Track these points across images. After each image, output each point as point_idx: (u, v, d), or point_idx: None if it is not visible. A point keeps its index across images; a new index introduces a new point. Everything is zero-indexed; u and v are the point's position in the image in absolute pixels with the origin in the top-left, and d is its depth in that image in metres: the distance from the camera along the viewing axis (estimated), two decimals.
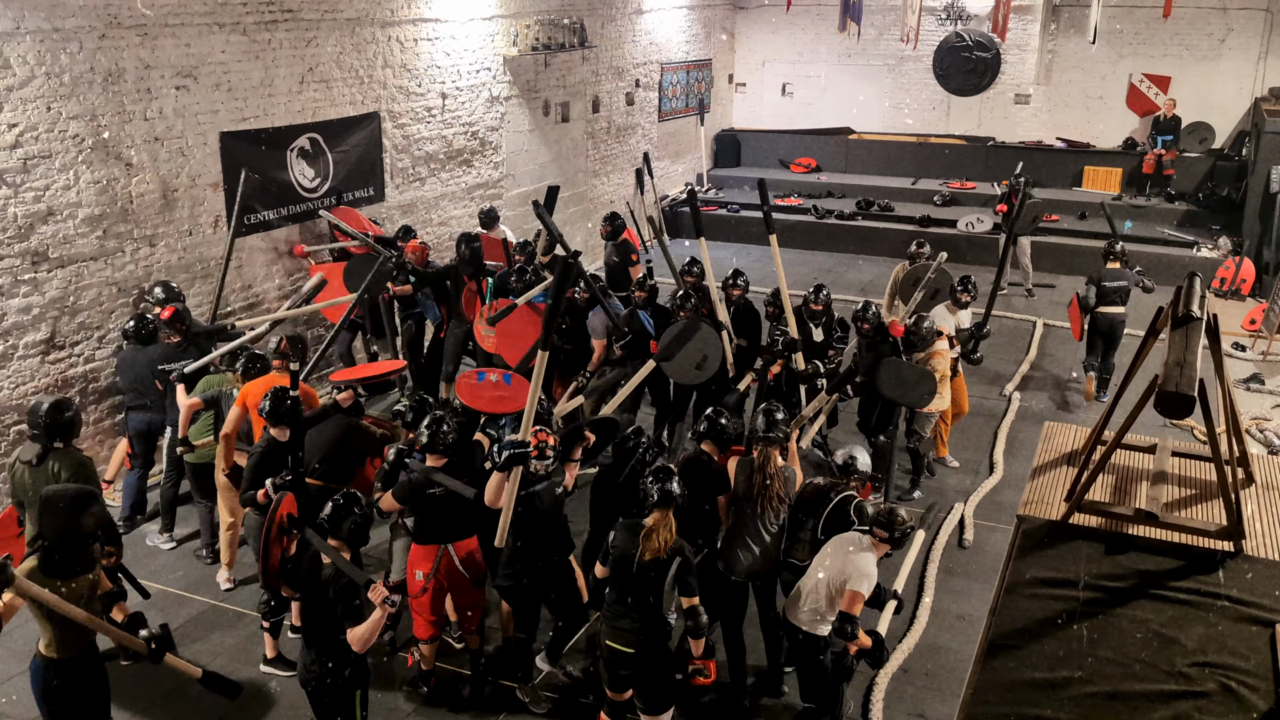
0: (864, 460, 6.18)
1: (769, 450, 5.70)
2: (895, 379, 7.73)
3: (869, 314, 8.18)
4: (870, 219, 16.69)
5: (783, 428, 5.76)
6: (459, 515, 5.80)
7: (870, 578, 5.11)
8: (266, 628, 6.31)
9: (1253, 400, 10.45)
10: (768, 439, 5.71)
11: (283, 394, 6.02)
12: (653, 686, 5.21)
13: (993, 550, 7.57)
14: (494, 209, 11.47)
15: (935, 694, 6.16)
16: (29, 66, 7.53)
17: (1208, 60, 16.63)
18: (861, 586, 5.08)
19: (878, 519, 5.28)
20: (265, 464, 5.98)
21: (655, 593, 5.09)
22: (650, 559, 5.00)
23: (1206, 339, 4.47)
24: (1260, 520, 4.63)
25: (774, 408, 5.84)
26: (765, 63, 19.44)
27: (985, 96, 18.11)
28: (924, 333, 8.04)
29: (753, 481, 5.68)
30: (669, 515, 5.07)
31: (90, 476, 5.88)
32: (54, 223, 7.85)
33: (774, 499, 5.65)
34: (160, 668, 4.77)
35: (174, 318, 7.53)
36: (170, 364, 7.43)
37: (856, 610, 5.04)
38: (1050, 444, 5.48)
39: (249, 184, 9.16)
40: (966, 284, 9.10)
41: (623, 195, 16.36)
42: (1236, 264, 13.95)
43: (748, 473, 5.75)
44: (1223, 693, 3.56)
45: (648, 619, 5.12)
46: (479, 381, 6.73)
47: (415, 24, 11.25)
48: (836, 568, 5.22)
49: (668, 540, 5.02)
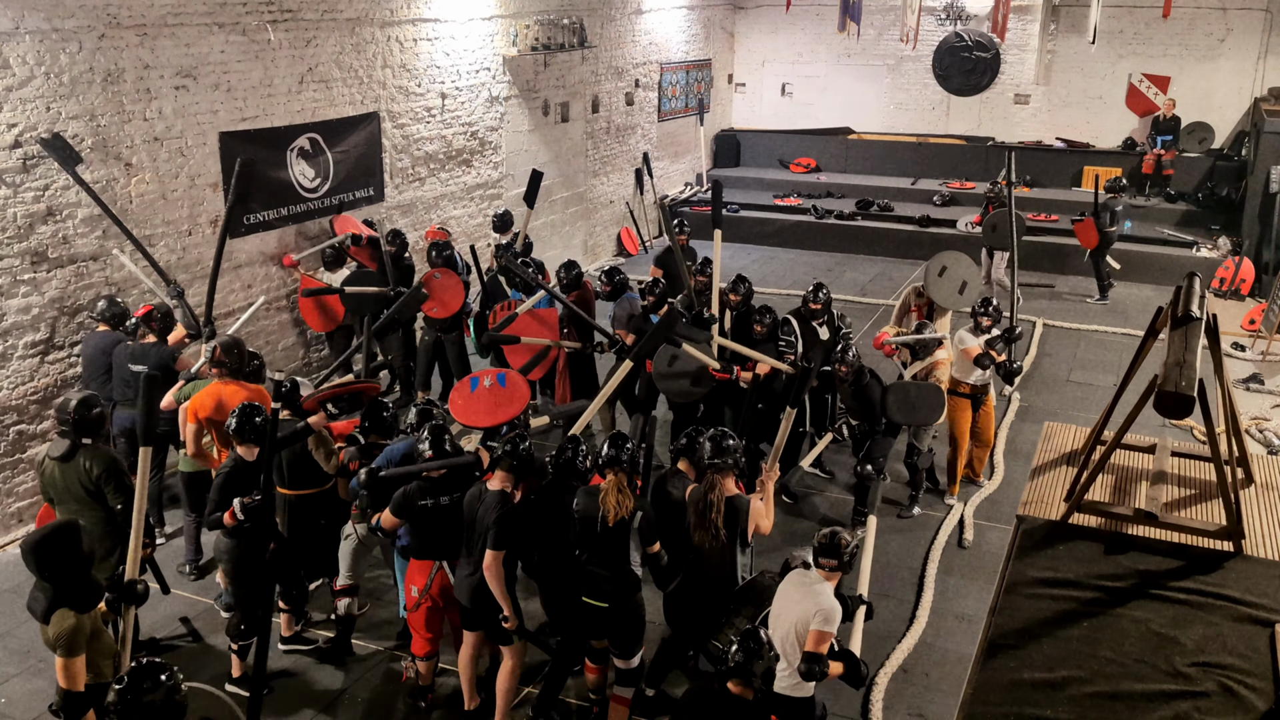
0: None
1: (715, 478, 5.54)
2: (902, 402, 7.60)
3: (848, 357, 7.59)
4: (870, 219, 16.68)
5: (732, 456, 5.55)
6: (456, 531, 5.62)
7: (832, 613, 4.74)
8: (235, 650, 6.10)
9: (1252, 400, 10.45)
10: (715, 465, 5.54)
11: (251, 411, 5.80)
12: (625, 633, 5.58)
13: (992, 550, 7.57)
14: (509, 213, 11.11)
15: (935, 694, 6.16)
16: (29, 66, 7.53)
17: (1207, 60, 16.63)
18: (826, 625, 4.71)
19: (820, 546, 4.91)
20: (232, 484, 5.69)
21: (621, 550, 5.39)
22: (614, 521, 5.30)
23: (1206, 339, 4.47)
24: (1260, 520, 4.63)
25: (723, 434, 5.65)
26: (765, 63, 19.44)
27: (985, 96, 18.11)
28: (926, 342, 7.96)
29: (697, 510, 5.55)
30: (620, 477, 5.35)
31: (121, 472, 5.84)
32: (54, 223, 7.85)
33: (718, 529, 5.47)
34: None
35: (148, 316, 7.44)
36: (139, 365, 7.22)
37: (823, 649, 4.70)
38: (1050, 444, 5.48)
39: (244, 174, 8.91)
40: (987, 307, 8.34)
41: (622, 195, 16.36)
42: (1236, 264, 13.95)
43: (693, 500, 5.60)
44: (1223, 693, 3.56)
45: (617, 574, 5.43)
46: (472, 391, 6.42)
47: (415, 24, 11.25)
48: (793, 618, 4.83)
49: (623, 501, 5.30)
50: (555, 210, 14.64)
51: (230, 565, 5.89)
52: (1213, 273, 14.01)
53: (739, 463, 5.64)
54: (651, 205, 17.06)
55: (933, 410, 7.63)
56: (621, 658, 5.62)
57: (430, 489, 5.63)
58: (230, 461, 5.81)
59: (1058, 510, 4.66)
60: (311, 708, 6.07)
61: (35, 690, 6.13)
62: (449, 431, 5.80)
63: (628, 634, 5.57)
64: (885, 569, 7.46)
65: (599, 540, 5.39)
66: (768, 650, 4.45)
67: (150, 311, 7.48)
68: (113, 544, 5.77)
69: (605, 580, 5.43)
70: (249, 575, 5.85)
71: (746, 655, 4.37)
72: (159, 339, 7.45)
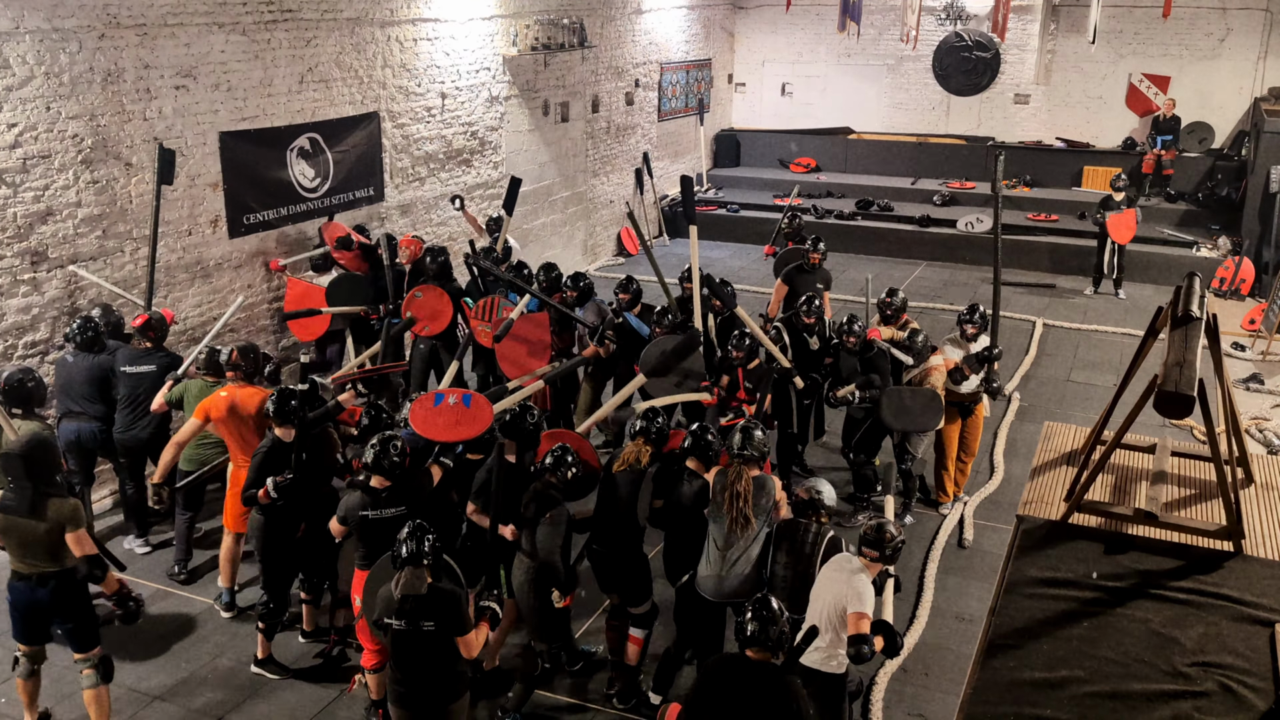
0: (828, 494, 5.77)
1: (743, 468, 5.65)
2: (898, 408, 7.50)
3: (855, 328, 7.79)
4: (870, 219, 16.69)
5: (760, 447, 5.76)
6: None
7: (868, 597, 4.90)
8: (262, 629, 6.28)
9: (1252, 400, 10.45)
10: (743, 456, 5.71)
11: (288, 394, 6.02)
12: (632, 583, 5.93)
13: (992, 550, 7.57)
14: (500, 216, 10.99)
15: (935, 694, 6.16)
16: (28, 66, 7.53)
17: (1207, 60, 16.63)
18: (862, 606, 4.87)
19: (865, 537, 5.11)
20: (269, 463, 5.98)
21: (630, 504, 5.78)
22: (622, 468, 5.81)
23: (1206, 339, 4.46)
24: (1260, 520, 4.62)
25: (753, 425, 5.85)
26: (765, 63, 19.44)
27: (985, 96, 18.11)
28: (918, 345, 7.82)
29: (723, 497, 5.59)
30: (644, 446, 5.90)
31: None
32: (53, 223, 7.85)
33: (745, 514, 5.53)
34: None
35: (145, 325, 7.34)
36: (138, 365, 7.22)
37: (865, 629, 4.82)
38: (1050, 444, 5.47)
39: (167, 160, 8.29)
40: (973, 314, 8.07)
41: (622, 195, 16.36)
42: (1236, 264, 13.96)
43: (719, 487, 5.66)
44: (1223, 692, 3.56)
45: (622, 528, 5.83)
46: (435, 406, 6.34)
47: (415, 24, 11.25)
48: (830, 597, 5.02)
49: (640, 456, 5.85)
50: (555, 210, 14.64)
51: (260, 543, 6.17)
52: (1213, 273, 14.02)
53: (765, 455, 5.88)
54: (652, 205, 17.06)
55: (930, 417, 7.51)
56: (633, 605, 5.95)
57: (374, 501, 5.56)
58: (268, 442, 6.05)
59: (1058, 510, 4.65)
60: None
61: None
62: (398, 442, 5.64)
63: (635, 583, 5.92)
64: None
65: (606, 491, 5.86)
66: (781, 615, 4.42)
67: (148, 320, 7.39)
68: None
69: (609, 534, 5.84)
70: (278, 554, 6.17)
71: (761, 623, 4.35)
72: (155, 346, 7.37)
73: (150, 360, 7.27)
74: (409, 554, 4.82)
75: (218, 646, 6.58)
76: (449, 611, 4.81)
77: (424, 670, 4.90)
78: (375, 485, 5.58)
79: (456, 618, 4.83)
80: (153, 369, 7.24)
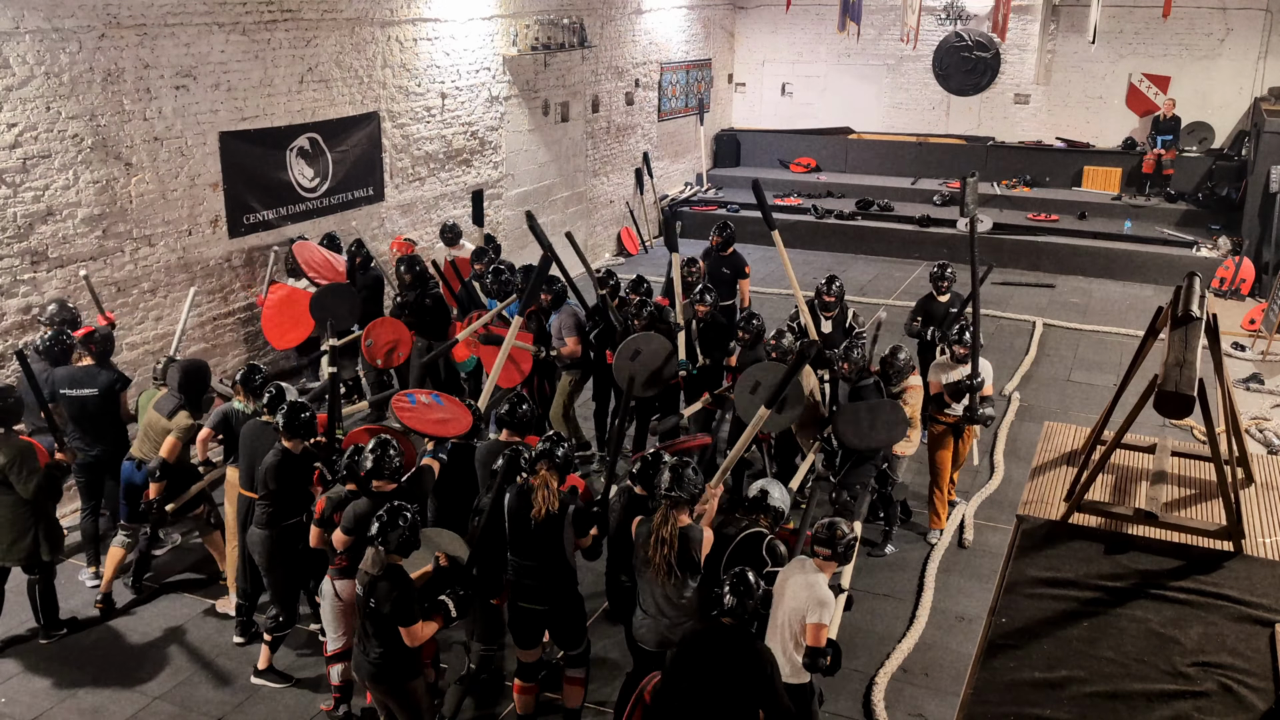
0: (777, 495, 5.53)
1: (670, 511, 5.10)
2: (853, 424, 6.86)
3: (853, 355, 7.13)
4: (870, 219, 16.69)
5: (691, 487, 5.13)
6: None
7: (827, 604, 4.83)
8: (268, 641, 6.19)
9: (1252, 400, 10.45)
10: (670, 498, 5.09)
11: (299, 407, 5.90)
12: (568, 627, 5.60)
13: (992, 550, 7.57)
14: (456, 225, 10.90)
15: (935, 694, 6.16)
16: (28, 66, 7.53)
17: (1207, 60, 16.63)
18: (821, 617, 4.81)
19: (817, 536, 4.95)
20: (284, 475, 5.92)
21: (555, 546, 5.35)
22: (544, 517, 5.27)
23: (1206, 339, 4.46)
24: (1260, 520, 4.62)
25: (684, 463, 5.21)
26: (765, 63, 19.44)
27: (985, 96, 18.11)
28: (900, 364, 7.33)
29: (648, 544, 5.11)
30: (550, 474, 5.32)
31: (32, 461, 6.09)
32: (53, 222, 7.85)
33: (671, 565, 5.05)
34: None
35: (88, 338, 6.97)
36: (79, 388, 6.81)
37: (822, 641, 4.81)
38: (1050, 444, 5.47)
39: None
40: (962, 335, 7.56)
41: (622, 195, 16.36)
42: (1236, 264, 13.96)
43: (644, 534, 5.17)
44: (1223, 692, 3.56)
45: (553, 572, 5.40)
46: (412, 405, 6.29)
47: (415, 24, 11.25)
48: (790, 606, 4.92)
49: (550, 497, 5.27)
50: (555, 210, 14.64)
51: (264, 557, 6.05)
52: (1213, 273, 14.02)
53: (696, 497, 5.24)
54: (651, 205, 17.06)
55: (890, 430, 6.85)
56: (568, 648, 5.67)
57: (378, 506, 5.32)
58: (276, 454, 5.93)
59: (1058, 510, 4.65)
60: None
61: (35, 690, 6.13)
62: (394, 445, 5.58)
63: (570, 627, 5.61)
64: (885, 569, 7.46)
65: (530, 539, 5.35)
66: (757, 590, 4.54)
67: (91, 333, 7.01)
68: (24, 527, 6.16)
69: (539, 581, 5.41)
70: (286, 567, 6.07)
71: (739, 597, 4.49)
72: (98, 362, 6.94)
73: (92, 383, 6.83)
74: (373, 533, 4.93)
75: (218, 647, 6.58)
76: (393, 597, 4.90)
77: (380, 646, 5.02)
78: (379, 490, 5.49)
79: (399, 605, 4.90)
80: (94, 392, 6.81)
